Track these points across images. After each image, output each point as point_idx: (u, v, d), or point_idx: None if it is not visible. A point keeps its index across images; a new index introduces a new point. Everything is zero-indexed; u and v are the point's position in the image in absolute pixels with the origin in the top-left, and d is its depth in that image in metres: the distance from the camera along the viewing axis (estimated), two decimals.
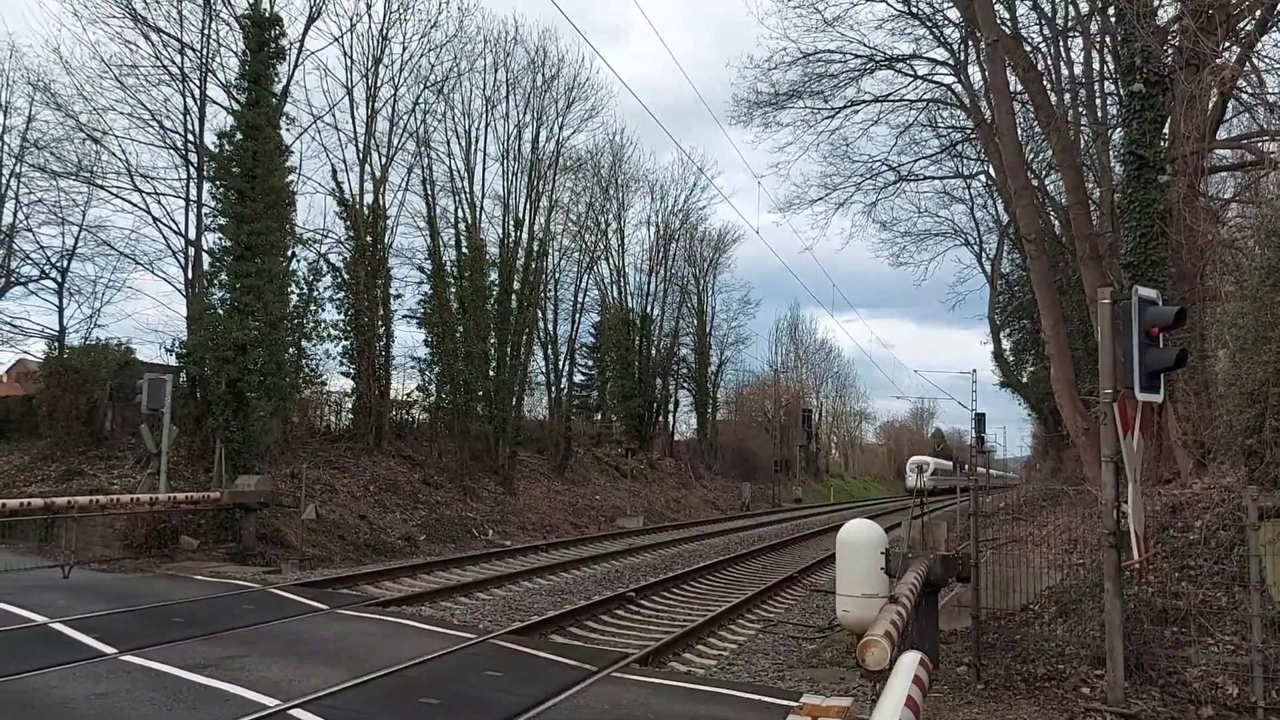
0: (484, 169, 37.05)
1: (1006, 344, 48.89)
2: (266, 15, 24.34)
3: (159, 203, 27.52)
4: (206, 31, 26.45)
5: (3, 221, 33.95)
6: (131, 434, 22.78)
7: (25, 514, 16.59)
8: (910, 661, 4.66)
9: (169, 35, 26.28)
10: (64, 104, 27.71)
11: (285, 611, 12.61)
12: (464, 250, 34.64)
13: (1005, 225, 39.93)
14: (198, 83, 26.58)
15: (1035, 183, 28.29)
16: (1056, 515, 16.43)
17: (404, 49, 32.92)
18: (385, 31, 31.67)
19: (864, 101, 32.88)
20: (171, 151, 27.35)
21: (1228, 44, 15.69)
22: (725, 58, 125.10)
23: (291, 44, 26.64)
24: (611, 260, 52.69)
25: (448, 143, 35.67)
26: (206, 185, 25.63)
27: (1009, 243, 41.92)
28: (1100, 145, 22.90)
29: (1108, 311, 8.36)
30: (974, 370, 63.40)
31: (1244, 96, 16.67)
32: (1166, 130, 16.32)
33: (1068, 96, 24.95)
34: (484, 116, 37.03)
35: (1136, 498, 8.33)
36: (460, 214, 35.35)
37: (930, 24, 30.21)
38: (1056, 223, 28.78)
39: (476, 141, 36.57)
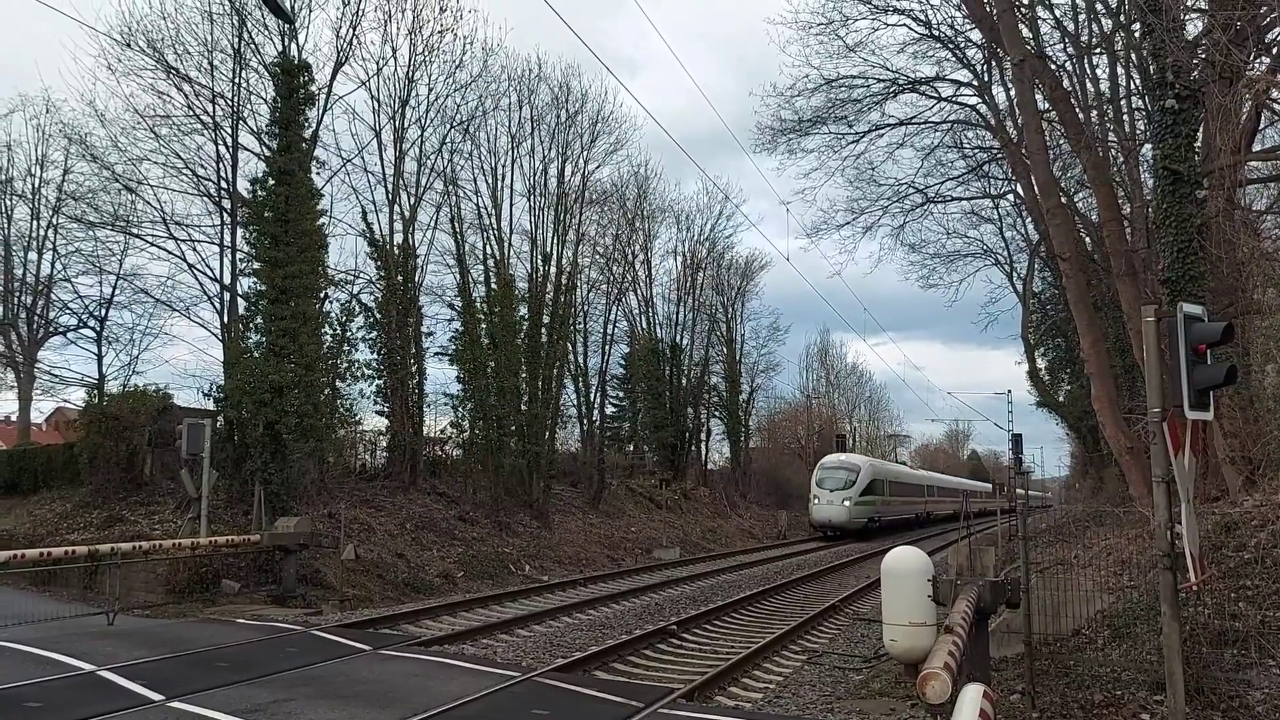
0: (511, 205, 37.34)
1: (1041, 363, 48.40)
2: (295, 62, 24.73)
3: (194, 249, 28.01)
4: (237, 80, 26.93)
5: (41, 272, 34.77)
6: (171, 479, 22.98)
7: (69, 562, 16.74)
8: (974, 695, 4.57)
9: (200, 85, 26.81)
10: (99, 155, 28.38)
11: (329, 653, 12.60)
12: (493, 286, 34.84)
13: (1035, 244, 39.66)
14: (229, 130, 27.06)
15: (1064, 200, 28.11)
16: (1102, 536, 16.16)
17: (430, 90, 33.17)
18: (411, 74, 32.07)
19: (888, 125, 32.90)
20: (205, 199, 27.84)
21: (1258, 55, 15.57)
22: (745, 88, 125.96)
23: (320, 89, 27.01)
24: (639, 291, 52.83)
25: (475, 180, 36.01)
26: (240, 231, 25.99)
27: (1040, 261, 41.61)
28: (1130, 161, 22.73)
29: (1152, 329, 8.24)
30: (1009, 391, 62.65)
31: (1277, 107, 16.51)
32: (1199, 144, 16.17)
33: (1094, 114, 24.80)
34: (510, 153, 37.37)
35: (1190, 518, 8.16)
36: (489, 250, 35.61)
37: (952, 46, 30.21)
38: (1088, 240, 28.55)
39: (503, 178, 36.90)
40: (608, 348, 47.07)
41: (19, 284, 35.21)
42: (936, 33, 29.84)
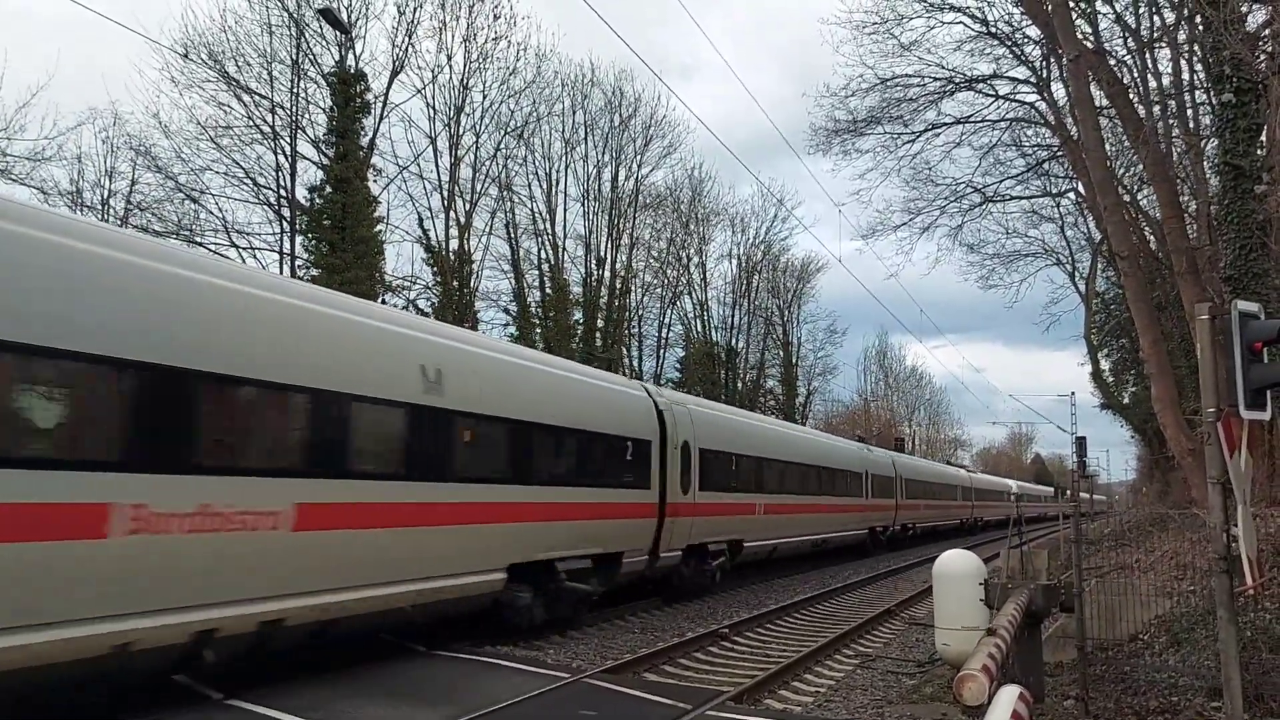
0: (565, 210, 37.80)
1: (1105, 364, 47.58)
2: (351, 72, 25.23)
3: (255, 257, 28.68)
4: (295, 90, 27.54)
5: None
6: None
7: None
8: (1009, 697, 4.52)
9: (260, 96, 27.47)
10: (164, 166, 29.17)
11: (384, 654, 12.78)
12: (548, 291, 35.19)
13: (1098, 243, 38.99)
14: (288, 140, 27.64)
15: (1127, 198, 27.59)
16: (1164, 540, 15.84)
17: (484, 97, 33.68)
18: (466, 81, 32.55)
19: (945, 124, 32.60)
20: (265, 207, 28.48)
21: None
22: (798, 90, 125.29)
23: (376, 98, 27.57)
24: (694, 294, 52.90)
25: (529, 186, 36.51)
26: (299, 238, 26.54)
27: (1103, 260, 40.89)
28: (1194, 157, 22.25)
29: (1207, 327, 8.09)
30: (1072, 393, 61.14)
31: None
32: (1263, 138, 15.78)
33: (1157, 108, 24.32)
34: (564, 158, 37.84)
35: (1247, 520, 7.98)
36: (543, 255, 36.03)
37: (1010, 43, 29.86)
38: (1152, 238, 27.98)
39: (557, 183, 37.39)
40: (663, 352, 47.31)
41: None
42: (993, 30, 29.55)
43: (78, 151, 33.76)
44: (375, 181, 27.65)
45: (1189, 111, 23.60)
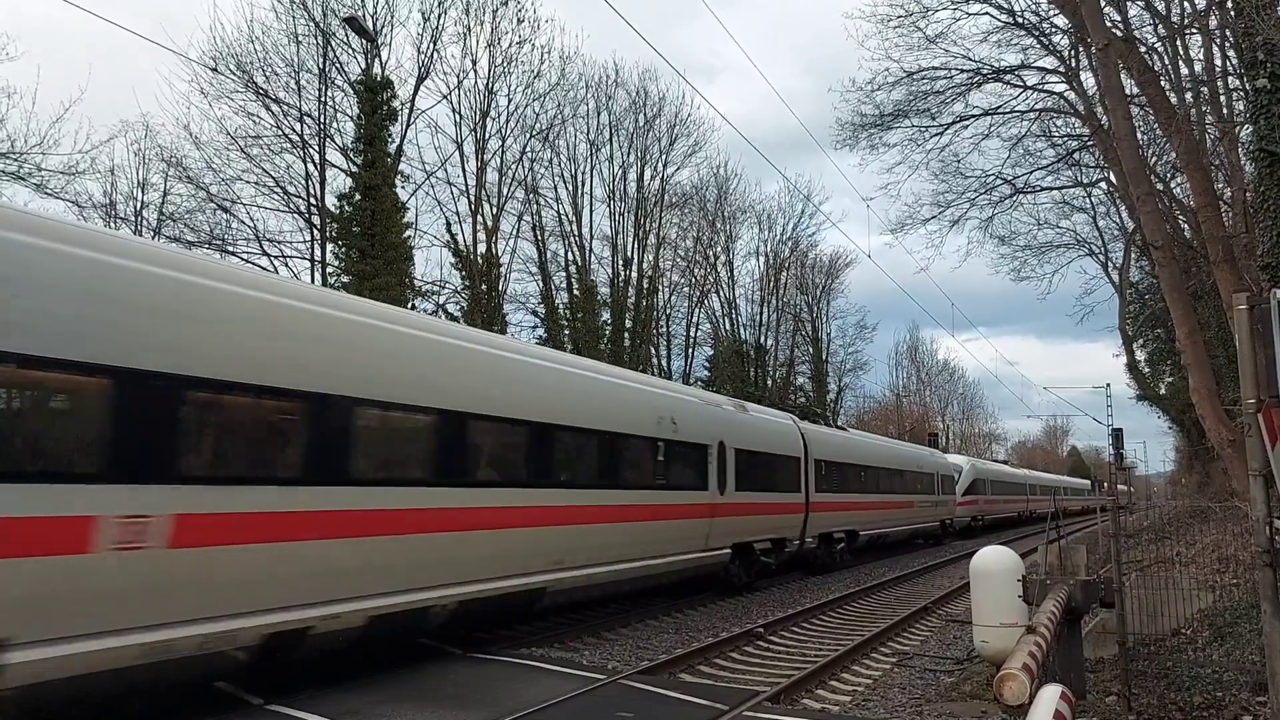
0: (591, 211, 37.87)
1: (1140, 355, 46.98)
2: (378, 80, 25.39)
3: (286, 265, 28.92)
4: (323, 99, 27.78)
5: None
6: None
7: None
8: (1050, 696, 4.47)
9: (288, 105, 27.70)
10: (195, 177, 29.47)
11: (421, 657, 12.86)
12: (575, 292, 35.25)
13: (1131, 232, 38.45)
14: (317, 148, 27.87)
15: (1160, 186, 27.22)
16: (1205, 533, 15.62)
17: (509, 100, 33.81)
18: (491, 85, 32.69)
19: (973, 116, 32.20)
20: (295, 215, 28.72)
21: None
22: (823, 86, 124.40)
23: (403, 105, 27.73)
24: (722, 293, 52.73)
25: (555, 188, 36.61)
26: (329, 245, 26.74)
27: (1136, 250, 40.33)
28: (1228, 144, 21.92)
29: (1245, 317, 7.96)
30: (1108, 384, 60.18)
31: None
32: None
33: (1189, 95, 23.98)
34: (589, 160, 37.91)
35: None
36: (570, 257, 36.10)
37: (1037, 33, 29.50)
38: (1186, 227, 27.60)
39: (583, 185, 37.46)
40: (691, 351, 47.25)
41: None
42: (1020, 20, 29.19)
43: (110, 164, 34.22)
44: (403, 188, 27.92)
45: (1222, 98, 23.27)
